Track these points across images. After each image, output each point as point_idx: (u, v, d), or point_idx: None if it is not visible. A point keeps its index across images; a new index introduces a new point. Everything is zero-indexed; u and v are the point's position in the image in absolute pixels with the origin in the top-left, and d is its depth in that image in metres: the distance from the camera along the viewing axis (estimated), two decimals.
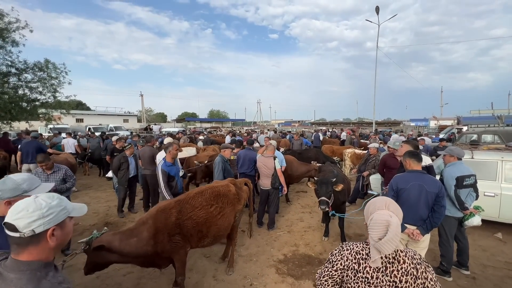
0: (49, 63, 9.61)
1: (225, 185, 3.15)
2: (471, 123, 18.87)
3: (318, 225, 4.78)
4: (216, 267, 3.43)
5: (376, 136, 11.74)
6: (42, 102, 9.96)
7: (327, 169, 4.58)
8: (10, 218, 0.88)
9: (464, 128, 16.27)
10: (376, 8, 20.17)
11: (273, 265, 3.47)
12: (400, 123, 39.29)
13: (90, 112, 41.33)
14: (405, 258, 1.21)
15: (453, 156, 3.28)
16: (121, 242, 2.30)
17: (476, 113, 28.86)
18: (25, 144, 6.45)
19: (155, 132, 21.82)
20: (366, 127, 31.25)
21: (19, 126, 13.94)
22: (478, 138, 9.56)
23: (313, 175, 6.50)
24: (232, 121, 58.46)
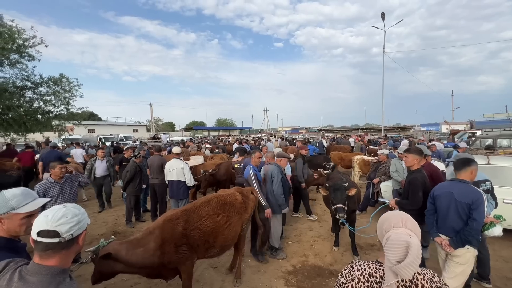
0: (63, 77, 10.00)
1: (232, 193, 3.12)
2: (485, 127, 18.24)
3: (327, 234, 4.64)
4: (223, 278, 3.36)
5: (386, 142, 11.50)
6: (56, 114, 10.31)
7: (336, 176, 4.48)
8: (51, 225, 0.98)
9: (477, 132, 15.75)
10: (382, 14, 20.20)
11: (281, 277, 3.36)
12: (410, 128, 38.52)
13: (101, 122, 42.50)
14: (423, 282, 1.08)
15: None
16: (127, 251, 2.28)
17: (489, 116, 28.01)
18: (46, 154, 6.65)
19: (164, 141, 22.14)
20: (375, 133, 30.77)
21: (34, 137, 14.43)
22: (493, 143, 9.23)
23: (322, 183, 6.39)
24: (239, 129, 58.79)
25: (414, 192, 2.95)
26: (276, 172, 3.77)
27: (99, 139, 21.77)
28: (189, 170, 4.83)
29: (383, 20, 20.44)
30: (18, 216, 1.27)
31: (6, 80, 9.13)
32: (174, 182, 4.78)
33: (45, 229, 0.97)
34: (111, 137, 23.19)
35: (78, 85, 10.48)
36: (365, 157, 8.11)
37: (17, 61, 9.19)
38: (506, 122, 19.24)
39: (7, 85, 8.90)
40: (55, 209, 1.03)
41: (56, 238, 0.98)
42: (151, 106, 44.51)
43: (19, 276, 0.98)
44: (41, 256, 0.99)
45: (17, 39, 8.83)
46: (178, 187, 4.78)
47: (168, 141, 21.30)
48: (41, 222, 0.99)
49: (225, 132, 48.58)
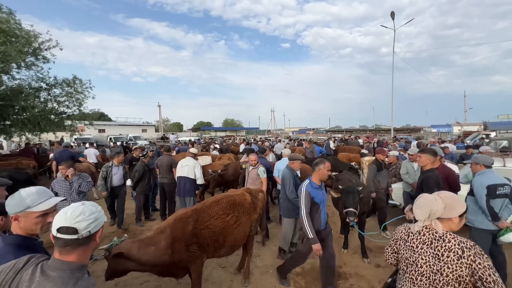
0: (76, 79, 10.28)
1: (241, 194, 3.13)
2: (499, 129, 17.72)
3: (336, 236, 4.59)
4: (231, 278, 3.37)
5: (396, 143, 11.30)
6: (68, 115, 10.59)
7: (345, 178, 4.44)
8: (70, 222, 1.02)
9: (492, 134, 15.29)
10: (392, 13, 19.89)
11: (290, 278, 3.35)
12: (420, 130, 37.71)
13: (111, 122, 43.37)
14: (451, 239, 1.41)
15: (478, 164, 3.07)
16: (139, 250, 2.33)
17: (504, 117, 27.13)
18: (59, 154, 6.85)
19: (172, 142, 22.41)
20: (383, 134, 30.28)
21: (47, 137, 14.86)
22: (509, 144, 8.95)
23: (329, 185, 6.34)
24: (246, 129, 58.89)
25: (429, 190, 2.89)
26: (287, 177, 3.70)
27: (109, 139, 22.23)
28: (200, 169, 4.91)
29: (393, 19, 20.13)
30: (33, 215, 1.30)
31: (22, 82, 9.46)
32: (183, 178, 4.84)
33: (64, 225, 1.01)
34: (120, 137, 23.65)
35: (91, 87, 10.74)
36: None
37: (33, 64, 9.50)
38: None
39: (23, 86, 9.22)
40: (73, 207, 1.07)
41: (75, 235, 1.01)
42: (159, 107, 45.22)
43: (41, 271, 1.01)
44: (60, 252, 1.03)
45: (33, 42, 9.13)
46: (186, 184, 4.83)
47: (176, 141, 21.57)
48: (60, 218, 1.03)
49: (232, 133, 48.77)
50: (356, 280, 3.29)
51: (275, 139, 18.69)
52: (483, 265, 1.31)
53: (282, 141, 15.62)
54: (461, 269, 1.35)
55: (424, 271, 1.45)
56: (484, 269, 1.31)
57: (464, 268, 1.34)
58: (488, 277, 1.29)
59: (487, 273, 1.30)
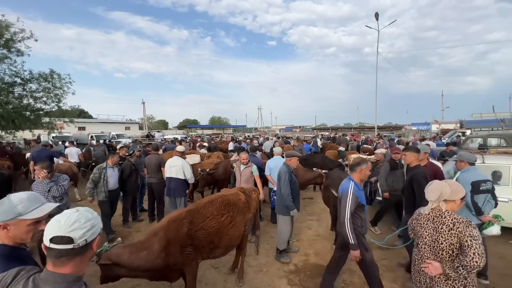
0: (54, 73, 9.69)
1: (235, 193, 3.09)
2: (474, 127, 18.80)
3: (327, 233, 4.68)
4: (225, 278, 3.33)
5: (381, 141, 11.67)
6: (46, 112, 10.01)
7: (336, 175, 4.52)
8: (64, 231, 0.93)
9: (467, 131, 16.19)
10: (376, 14, 20.42)
11: (284, 276, 3.37)
12: (402, 128, 39.25)
13: (92, 120, 41.59)
14: (447, 216, 1.81)
15: (463, 162, 3.22)
16: (130, 255, 2.23)
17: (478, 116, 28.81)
18: (37, 153, 6.43)
19: (157, 140, 21.85)
20: (367, 132, 31.22)
21: (22, 135, 14.00)
22: (483, 142, 9.48)
23: (319, 182, 6.43)
24: (234, 127, 58.63)
25: (419, 186, 2.98)
26: (283, 172, 3.66)
27: (90, 137, 21.28)
28: (189, 168, 4.79)
29: (377, 20, 20.69)
30: (25, 223, 1.19)
31: None
32: (173, 179, 4.72)
33: (58, 235, 0.93)
34: (102, 135, 22.70)
35: (70, 82, 10.20)
36: (362, 156, 8.19)
37: (6, 56, 8.86)
38: (494, 122, 19.83)
39: None
40: (67, 214, 0.98)
41: (70, 244, 0.93)
42: (143, 104, 43.86)
43: (33, 285, 0.93)
44: (54, 264, 0.95)
45: (5, 33, 8.50)
46: (176, 184, 4.72)
47: (162, 140, 21.03)
48: (53, 227, 0.94)
49: (219, 131, 48.34)
50: (348, 275, 3.36)
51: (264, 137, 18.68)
52: (467, 234, 1.68)
53: (270, 139, 15.66)
54: (451, 238, 1.75)
55: (427, 240, 1.90)
56: (466, 237, 1.68)
57: (453, 237, 1.74)
58: (467, 242, 1.67)
59: (469, 240, 1.66)
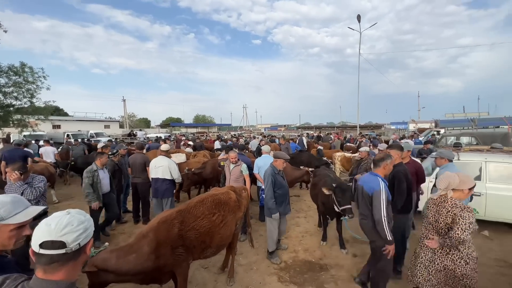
0: (25, 67, 9.02)
1: (225, 192, 3.07)
2: (447, 126, 19.98)
3: (314, 229, 4.78)
4: (215, 278, 3.31)
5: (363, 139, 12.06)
6: (18, 108, 9.32)
7: (323, 173, 4.61)
8: (55, 235, 0.88)
9: (441, 130, 17.17)
10: (358, 16, 21.03)
11: (274, 273, 3.40)
12: (381, 127, 40.84)
13: (68, 118, 39.37)
14: (449, 201, 2.15)
15: (443, 158, 3.42)
16: (118, 260, 2.14)
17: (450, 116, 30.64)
18: (9, 153, 5.95)
19: (140, 138, 21.15)
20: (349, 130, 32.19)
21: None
22: (457, 140, 10.09)
23: (306, 180, 6.54)
24: (218, 125, 57.96)
25: (399, 183, 3.13)
26: (267, 174, 3.63)
27: (66, 136, 20.14)
28: (176, 168, 4.67)
29: (359, 22, 21.31)
30: (7, 228, 1.11)
31: None
32: (159, 180, 4.59)
33: (49, 240, 0.88)
34: (79, 134, 21.55)
35: (44, 76, 9.55)
36: (346, 154, 8.44)
37: None
38: (465, 121, 21.20)
39: None
40: (58, 217, 0.93)
41: (62, 249, 0.89)
42: (124, 101, 42.26)
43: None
44: (45, 270, 0.89)
45: None
46: (162, 185, 4.59)
47: (145, 138, 20.36)
48: (43, 232, 0.89)
49: (204, 129, 47.67)
50: (336, 270, 3.45)
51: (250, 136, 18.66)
52: (459, 215, 2.04)
53: (256, 137, 15.70)
54: (447, 219, 2.12)
55: (430, 220, 2.26)
56: (458, 217, 2.04)
57: (449, 218, 2.11)
58: (456, 221, 2.04)
59: (458, 219, 2.03)
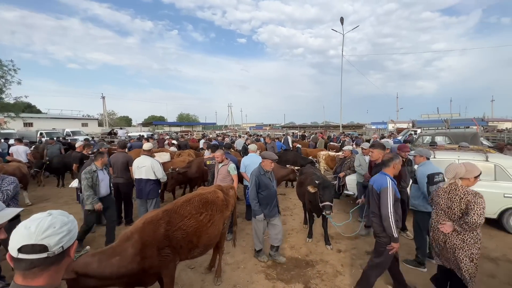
0: None
1: (213, 191, 3.04)
2: (423, 126, 21.06)
3: (300, 227, 4.85)
4: (202, 278, 3.27)
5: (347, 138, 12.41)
6: None
7: (309, 171, 4.69)
8: (36, 239, 0.83)
9: (418, 130, 18.07)
10: (341, 19, 21.57)
11: (261, 271, 3.42)
12: (363, 126, 42.27)
13: (41, 115, 37.15)
14: (460, 189, 2.36)
15: (422, 156, 3.60)
16: (100, 263, 2.04)
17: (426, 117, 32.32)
18: None
19: (121, 137, 20.37)
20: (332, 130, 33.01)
21: None
22: (431, 139, 10.68)
23: (292, 179, 6.62)
24: (203, 124, 57.24)
25: None
26: (252, 174, 3.60)
27: (39, 134, 18.95)
28: (159, 167, 4.54)
29: (342, 24, 21.86)
30: None
31: None
32: (143, 180, 4.45)
33: (29, 243, 0.82)
34: (54, 132, 20.36)
35: (14, 69, 8.91)
36: (330, 153, 8.64)
37: None
38: (438, 122, 22.49)
39: None
40: (38, 219, 0.87)
41: (44, 253, 0.83)
42: (103, 98, 40.42)
43: None
44: (25, 276, 0.84)
45: None
46: (146, 186, 4.46)
47: (126, 137, 19.62)
48: (22, 235, 0.83)
49: (188, 128, 46.82)
50: (322, 266, 3.53)
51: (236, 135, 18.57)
52: (472, 201, 2.25)
53: (242, 136, 15.65)
54: (461, 205, 2.33)
55: (443, 207, 2.48)
56: (472, 204, 2.25)
57: (463, 204, 2.31)
58: (471, 206, 2.24)
59: (473, 205, 2.23)
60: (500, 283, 3.12)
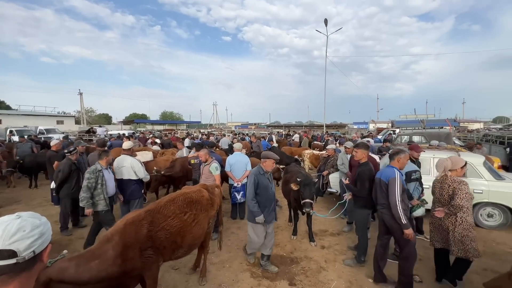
0: None
1: (197, 190, 2.99)
2: (401, 126, 22.05)
3: (285, 224, 4.91)
4: (187, 278, 3.21)
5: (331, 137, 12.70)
6: None
7: (294, 170, 4.76)
8: (3, 243, 0.77)
9: (397, 130, 18.91)
10: (325, 20, 22.02)
11: (247, 270, 3.42)
12: (345, 126, 43.51)
13: (11, 111, 34.70)
14: (449, 178, 2.84)
15: None
16: (78, 268, 1.94)
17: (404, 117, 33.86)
18: None
19: (100, 135, 19.52)
20: (316, 129, 33.69)
21: None
22: (409, 139, 11.21)
23: (277, 177, 6.69)
24: (187, 123, 56.20)
25: (362, 182, 3.36)
26: (251, 173, 3.35)
27: (9, 132, 17.69)
28: (140, 166, 4.39)
29: (326, 26, 22.34)
30: None
31: None
32: (124, 181, 4.28)
33: None
34: (25, 130, 19.11)
35: None
36: (315, 152, 8.80)
37: None
38: (415, 122, 23.62)
39: None
40: (5, 222, 0.80)
41: (13, 259, 0.77)
42: (81, 95, 38.52)
43: None
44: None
45: None
46: (128, 187, 4.30)
47: (106, 135, 18.82)
48: None
49: (172, 126, 45.78)
50: (306, 262, 3.59)
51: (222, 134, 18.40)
52: (457, 188, 2.71)
53: (227, 135, 15.56)
54: (449, 191, 2.79)
55: (437, 196, 2.93)
56: (457, 190, 2.70)
57: (450, 190, 2.77)
58: (456, 192, 2.69)
59: (458, 191, 2.69)
60: (471, 272, 3.34)
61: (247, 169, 5.03)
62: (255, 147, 9.90)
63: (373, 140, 12.23)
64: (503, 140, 9.51)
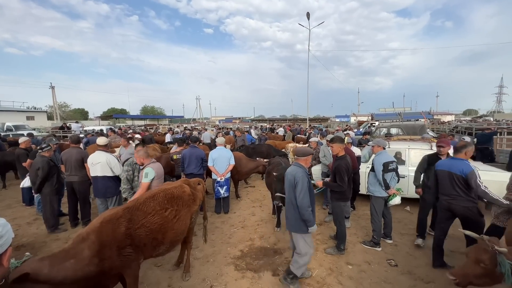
0: None
1: (179, 186, 2.93)
2: (381, 119, 22.87)
3: (269, 217, 4.98)
4: (170, 275, 3.18)
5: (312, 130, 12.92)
6: None
7: (276, 162, 4.81)
8: None
9: (376, 123, 19.60)
10: (307, 14, 22.07)
11: (231, 263, 3.44)
12: (328, 119, 44.45)
13: None
14: None
15: (380, 146, 3.91)
16: (52, 268, 1.86)
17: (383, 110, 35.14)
18: None
19: (75, 132, 18.53)
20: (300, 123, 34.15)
21: None
22: (387, 131, 11.68)
23: (261, 171, 6.72)
24: (170, 118, 54.68)
25: (341, 177, 3.44)
26: (300, 175, 2.76)
27: None
28: (117, 162, 4.24)
29: (309, 19, 22.40)
30: None
31: None
32: (99, 178, 4.12)
33: None
34: None
35: None
36: (298, 145, 8.93)
37: None
38: (393, 115, 24.58)
39: None
40: None
41: None
42: (52, 88, 36.06)
43: None
44: None
45: None
46: (104, 184, 4.14)
47: (81, 131, 17.86)
48: None
49: (153, 121, 44.40)
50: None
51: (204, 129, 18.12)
52: None
53: (211, 130, 15.36)
54: None
55: None
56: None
57: None
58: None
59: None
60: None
61: (230, 163, 5.02)
62: (239, 141, 9.87)
63: (353, 133, 12.64)
64: (471, 131, 10.19)
